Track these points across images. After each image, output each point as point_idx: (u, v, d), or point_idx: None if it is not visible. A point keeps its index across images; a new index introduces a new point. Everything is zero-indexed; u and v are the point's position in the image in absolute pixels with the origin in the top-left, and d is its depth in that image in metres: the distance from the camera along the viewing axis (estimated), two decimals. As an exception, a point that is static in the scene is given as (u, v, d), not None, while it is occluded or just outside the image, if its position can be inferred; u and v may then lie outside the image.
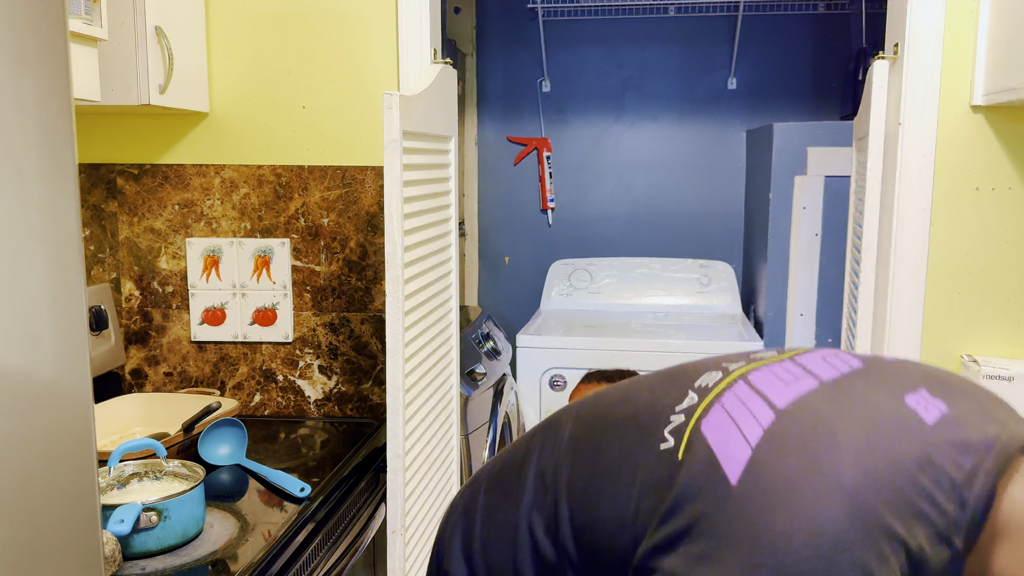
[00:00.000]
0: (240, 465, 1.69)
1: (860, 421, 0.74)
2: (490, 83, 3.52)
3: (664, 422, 0.82)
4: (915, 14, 1.77)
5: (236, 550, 1.34)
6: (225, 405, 1.84)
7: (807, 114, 3.36)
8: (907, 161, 1.81)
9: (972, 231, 1.83)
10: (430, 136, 1.67)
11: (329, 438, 1.90)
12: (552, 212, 3.54)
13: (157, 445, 1.48)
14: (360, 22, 1.93)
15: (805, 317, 2.86)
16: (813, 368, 0.83)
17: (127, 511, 1.27)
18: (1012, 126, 1.80)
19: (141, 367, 2.06)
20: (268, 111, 1.97)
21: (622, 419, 0.88)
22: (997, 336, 1.85)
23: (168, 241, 2.02)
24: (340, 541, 1.64)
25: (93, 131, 2.01)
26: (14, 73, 0.66)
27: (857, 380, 0.80)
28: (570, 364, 2.83)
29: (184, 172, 2.00)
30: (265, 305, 2.02)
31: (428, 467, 1.70)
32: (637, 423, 0.85)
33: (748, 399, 0.80)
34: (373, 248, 1.99)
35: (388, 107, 1.43)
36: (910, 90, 1.79)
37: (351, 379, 2.03)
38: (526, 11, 3.44)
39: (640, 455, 0.82)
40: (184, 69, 1.82)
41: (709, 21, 3.38)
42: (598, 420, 0.91)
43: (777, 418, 0.76)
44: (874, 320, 1.91)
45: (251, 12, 1.94)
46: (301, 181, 1.98)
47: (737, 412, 0.78)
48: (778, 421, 0.76)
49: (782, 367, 0.84)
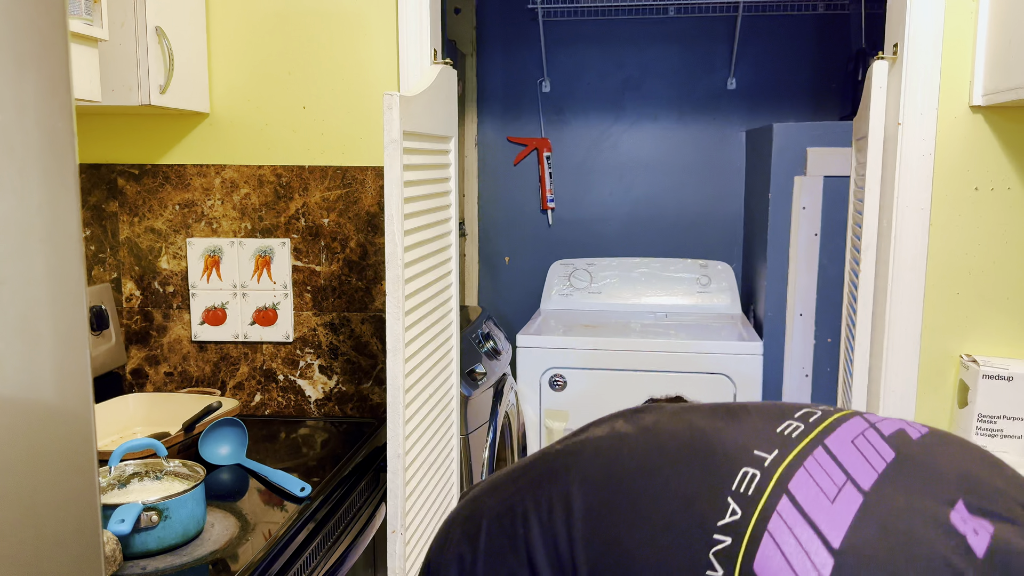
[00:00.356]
0: (240, 465, 1.69)
1: (918, 566, 0.72)
2: (490, 83, 3.52)
3: (708, 541, 0.77)
4: (915, 14, 1.77)
5: (236, 550, 1.34)
6: (225, 405, 1.84)
7: (807, 114, 3.37)
8: (906, 161, 1.81)
9: (971, 231, 1.83)
10: (430, 136, 1.68)
11: (329, 438, 1.90)
12: (552, 212, 3.55)
13: (158, 445, 1.48)
14: (360, 22, 1.93)
15: (804, 317, 2.86)
16: (849, 467, 0.80)
17: (128, 511, 1.27)
18: (1012, 126, 1.80)
19: (142, 367, 2.07)
20: (268, 111, 1.97)
21: (650, 514, 0.81)
22: (996, 336, 1.85)
23: (169, 241, 2.02)
24: (340, 541, 1.65)
25: (94, 131, 2.01)
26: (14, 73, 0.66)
27: (897, 490, 0.78)
28: (570, 364, 2.83)
29: (185, 172, 2.00)
30: (265, 305, 2.02)
31: (428, 467, 1.70)
32: (674, 529, 0.80)
33: (799, 530, 0.76)
34: (373, 248, 1.99)
35: (388, 107, 1.43)
36: (909, 90, 1.79)
37: (351, 379, 2.03)
38: (526, 11, 3.45)
39: (676, 572, 0.77)
40: (185, 69, 1.82)
41: (709, 21, 3.38)
42: (616, 497, 0.84)
43: (836, 564, 0.73)
44: (873, 320, 1.91)
45: (251, 12, 1.94)
46: (301, 181, 1.98)
47: (792, 553, 0.74)
48: (838, 570, 0.72)
49: (818, 466, 0.81)
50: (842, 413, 0.88)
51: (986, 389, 1.75)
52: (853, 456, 0.80)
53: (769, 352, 2.90)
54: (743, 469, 0.81)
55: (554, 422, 2.86)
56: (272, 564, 1.36)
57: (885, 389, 1.86)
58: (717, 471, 0.81)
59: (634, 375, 2.80)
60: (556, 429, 2.86)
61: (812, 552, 0.74)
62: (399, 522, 1.50)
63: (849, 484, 0.78)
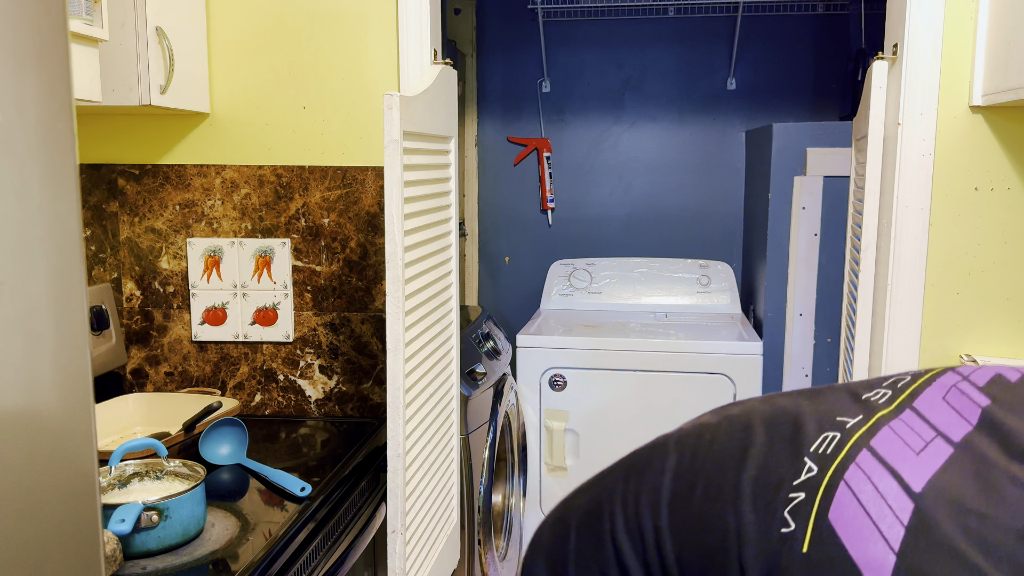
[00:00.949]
0: (241, 465, 1.69)
1: (1009, 508, 0.66)
2: (490, 83, 3.52)
3: (784, 500, 0.74)
4: (914, 14, 1.77)
5: (237, 549, 1.34)
6: (226, 405, 1.84)
7: (806, 114, 3.37)
8: (906, 161, 1.81)
9: (971, 231, 1.83)
10: (430, 136, 1.68)
11: (329, 438, 1.90)
12: (552, 212, 3.55)
13: (158, 445, 1.48)
14: (360, 23, 1.93)
15: (804, 317, 2.86)
16: (938, 423, 0.75)
17: (128, 510, 1.27)
18: (1011, 126, 1.80)
19: (142, 367, 2.07)
20: (269, 111, 1.97)
21: (731, 486, 0.79)
22: (996, 336, 1.85)
23: (169, 241, 2.02)
24: (340, 541, 1.65)
25: (94, 131, 2.01)
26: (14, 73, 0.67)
27: (992, 442, 0.72)
28: (570, 364, 2.83)
29: (185, 172, 2.00)
30: (266, 305, 2.02)
31: (428, 467, 1.70)
32: (753, 495, 0.77)
33: (877, 478, 0.71)
34: (373, 248, 1.99)
35: (388, 107, 1.43)
36: (909, 90, 1.79)
37: (351, 379, 2.03)
38: (526, 11, 3.45)
39: (754, 534, 0.74)
40: (185, 69, 1.82)
41: (709, 22, 3.38)
42: (700, 478, 0.82)
43: (916, 508, 0.68)
44: (873, 320, 1.92)
45: (252, 12, 1.95)
46: (302, 181, 1.99)
47: (869, 500, 0.70)
48: (918, 513, 0.67)
49: (905, 425, 0.76)
50: (933, 372, 0.83)
51: (986, 389, 1.75)
52: (944, 412, 0.75)
53: (769, 352, 2.90)
54: (824, 433, 0.78)
55: (554, 422, 2.86)
56: (272, 564, 1.36)
57: (885, 389, 1.86)
58: (797, 438, 0.79)
59: (634, 375, 2.80)
60: (556, 429, 2.86)
61: (891, 498, 0.69)
62: (399, 522, 1.50)
63: (939, 439, 0.73)
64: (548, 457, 2.89)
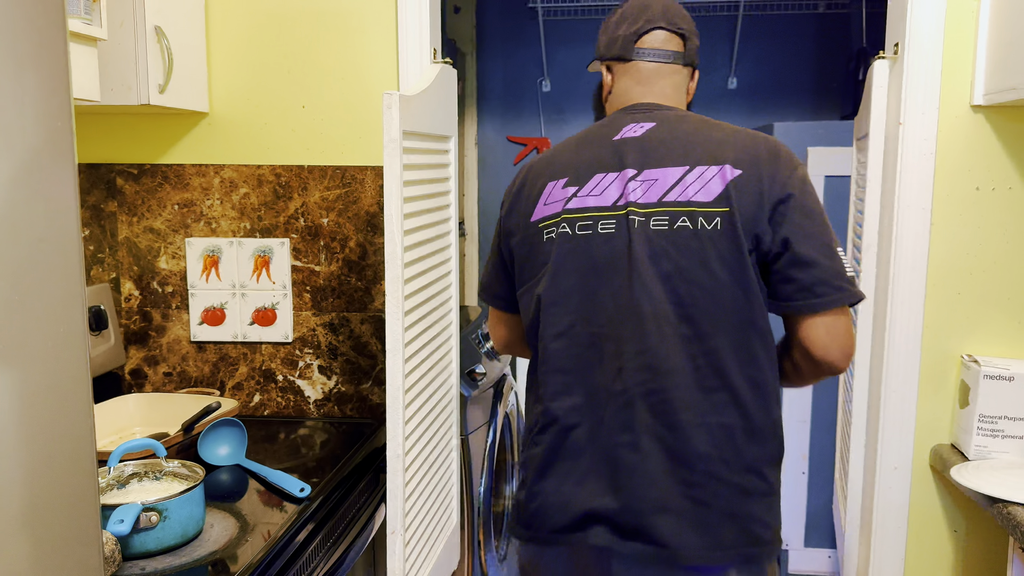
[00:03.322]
0: (240, 465, 1.69)
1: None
2: (490, 83, 3.52)
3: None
4: (915, 14, 1.77)
5: (236, 550, 1.34)
6: (225, 405, 1.83)
7: (807, 114, 3.36)
8: (907, 161, 1.81)
9: (972, 231, 1.83)
10: (430, 136, 1.67)
11: (329, 438, 1.90)
12: (552, 212, 3.54)
13: (157, 445, 1.48)
14: (360, 22, 1.92)
15: (805, 317, 2.85)
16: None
17: (127, 511, 1.27)
18: (1012, 126, 1.80)
19: (141, 367, 2.06)
20: (268, 111, 1.97)
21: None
22: (997, 336, 1.85)
23: (168, 241, 2.02)
24: (340, 541, 1.64)
25: (93, 131, 2.01)
26: (14, 73, 0.66)
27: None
28: (570, 364, 2.82)
29: (184, 172, 2.00)
30: (265, 305, 2.02)
31: (428, 467, 1.70)
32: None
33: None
34: (373, 248, 1.99)
35: (388, 107, 1.42)
36: (910, 90, 1.79)
37: (351, 379, 2.03)
38: (526, 11, 3.44)
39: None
40: (184, 69, 1.82)
41: (709, 21, 3.38)
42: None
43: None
44: (874, 320, 1.91)
45: (251, 12, 1.94)
46: (301, 181, 1.98)
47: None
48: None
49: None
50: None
51: (987, 389, 1.74)
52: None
53: (769, 352, 2.89)
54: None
55: (554, 422, 2.85)
56: (272, 564, 1.36)
57: (886, 389, 1.86)
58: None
59: (634, 375, 2.79)
60: (556, 429, 2.85)
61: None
62: (399, 522, 1.50)
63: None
64: (548, 457, 2.88)
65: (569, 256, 1.34)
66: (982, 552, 1.90)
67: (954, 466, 1.73)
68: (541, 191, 1.40)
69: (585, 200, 1.35)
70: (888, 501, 1.89)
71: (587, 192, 1.36)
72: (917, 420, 1.87)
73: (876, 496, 1.89)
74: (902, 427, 1.87)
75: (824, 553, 2.86)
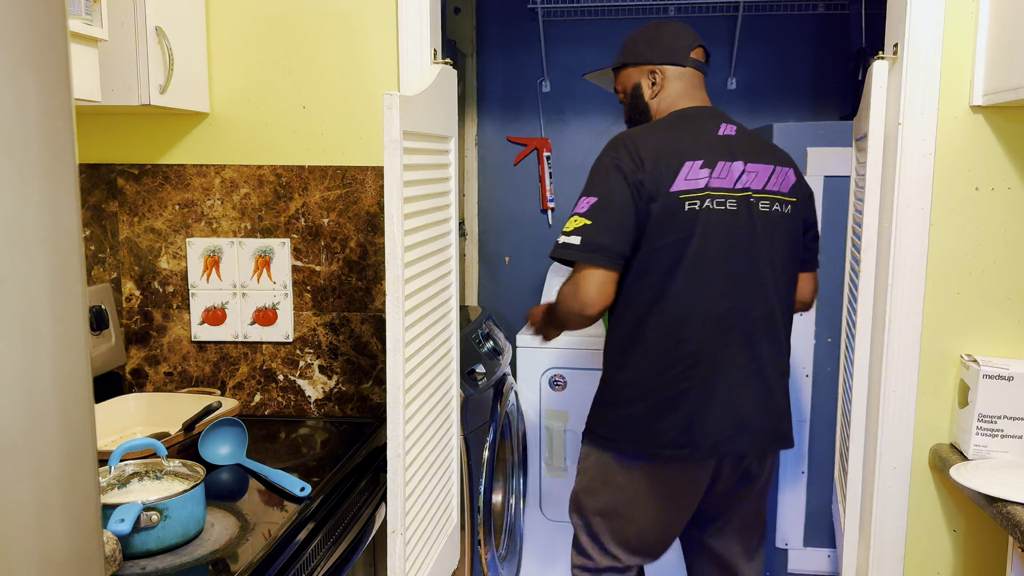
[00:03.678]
0: (240, 465, 1.69)
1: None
2: (490, 83, 3.52)
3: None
4: (915, 14, 1.77)
5: (236, 549, 1.34)
6: (225, 405, 1.84)
7: (807, 114, 3.36)
8: (907, 161, 1.81)
9: (972, 231, 1.83)
10: (430, 136, 1.67)
11: (329, 438, 1.90)
12: (552, 212, 3.55)
13: (157, 445, 1.48)
14: (360, 22, 1.93)
15: (805, 317, 2.86)
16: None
17: (127, 510, 1.27)
18: (1012, 126, 1.80)
19: (141, 367, 2.06)
20: (268, 111, 1.97)
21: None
22: (997, 336, 1.85)
23: (168, 241, 2.02)
24: (340, 541, 1.65)
25: (93, 131, 2.01)
26: (14, 73, 0.66)
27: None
28: (570, 364, 2.83)
29: (184, 172, 2.00)
30: (265, 305, 2.02)
31: (428, 467, 1.70)
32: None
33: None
34: (373, 248, 1.99)
35: (388, 107, 1.43)
36: (910, 90, 1.79)
37: (351, 379, 2.03)
38: (526, 11, 3.44)
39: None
40: (184, 69, 1.82)
41: (709, 21, 3.38)
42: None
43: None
44: (874, 320, 1.91)
45: (251, 12, 1.94)
46: (301, 181, 1.98)
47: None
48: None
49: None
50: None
51: (987, 389, 1.75)
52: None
53: (769, 352, 2.89)
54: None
55: (554, 422, 2.86)
56: (272, 564, 1.36)
57: (885, 389, 1.86)
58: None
59: (634, 375, 2.79)
60: (556, 429, 2.86)
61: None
62: (399, 522, 1.50)
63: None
64: (548, 457, 2.89)
65: (712, 225, 1.72)
66: (981, 552, 1.90)
67: (953, 466, 1.73)
68: (680, 167, 1.73)
69: (720, 181, 1.74)
70: (887, 501, 1.89)
71: (717, 175, 1.74)
72: (916, 420, 1.87)
73: (875, 496, 1.89)
74: (901, 427, 1.87)
75: (823, 553, 2.86)
